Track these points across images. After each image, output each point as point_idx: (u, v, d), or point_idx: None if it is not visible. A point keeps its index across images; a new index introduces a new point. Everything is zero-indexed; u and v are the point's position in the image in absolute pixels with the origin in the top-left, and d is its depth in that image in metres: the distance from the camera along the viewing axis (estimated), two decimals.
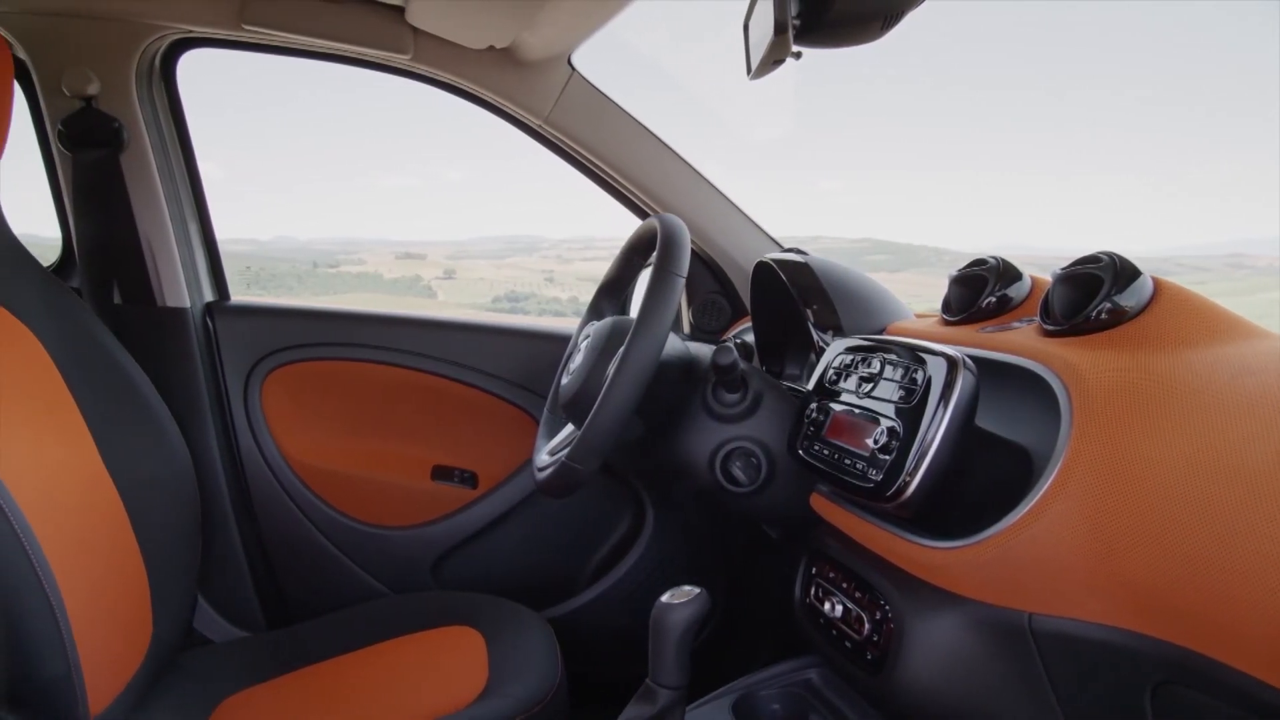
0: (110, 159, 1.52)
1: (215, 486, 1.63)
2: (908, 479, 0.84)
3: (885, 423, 0.91)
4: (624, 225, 1.62)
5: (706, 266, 1.68)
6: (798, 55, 0.96)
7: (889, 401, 0.93)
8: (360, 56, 1.58)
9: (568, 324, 1.74)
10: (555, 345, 1.65)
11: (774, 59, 0.97)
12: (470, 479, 1.72)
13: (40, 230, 1.37)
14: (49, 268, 1.40)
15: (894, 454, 0.87)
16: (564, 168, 1.67)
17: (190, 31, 1.54)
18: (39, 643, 0.99)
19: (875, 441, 0.90)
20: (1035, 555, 0.73)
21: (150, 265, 1.58)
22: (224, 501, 1.64)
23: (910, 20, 0.93)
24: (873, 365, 0.98)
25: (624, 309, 1.46)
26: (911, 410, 0.88)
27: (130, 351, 1.36)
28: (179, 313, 1.61)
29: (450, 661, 1.33)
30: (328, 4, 1.48)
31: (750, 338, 1.52)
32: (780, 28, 0.88)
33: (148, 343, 1.53)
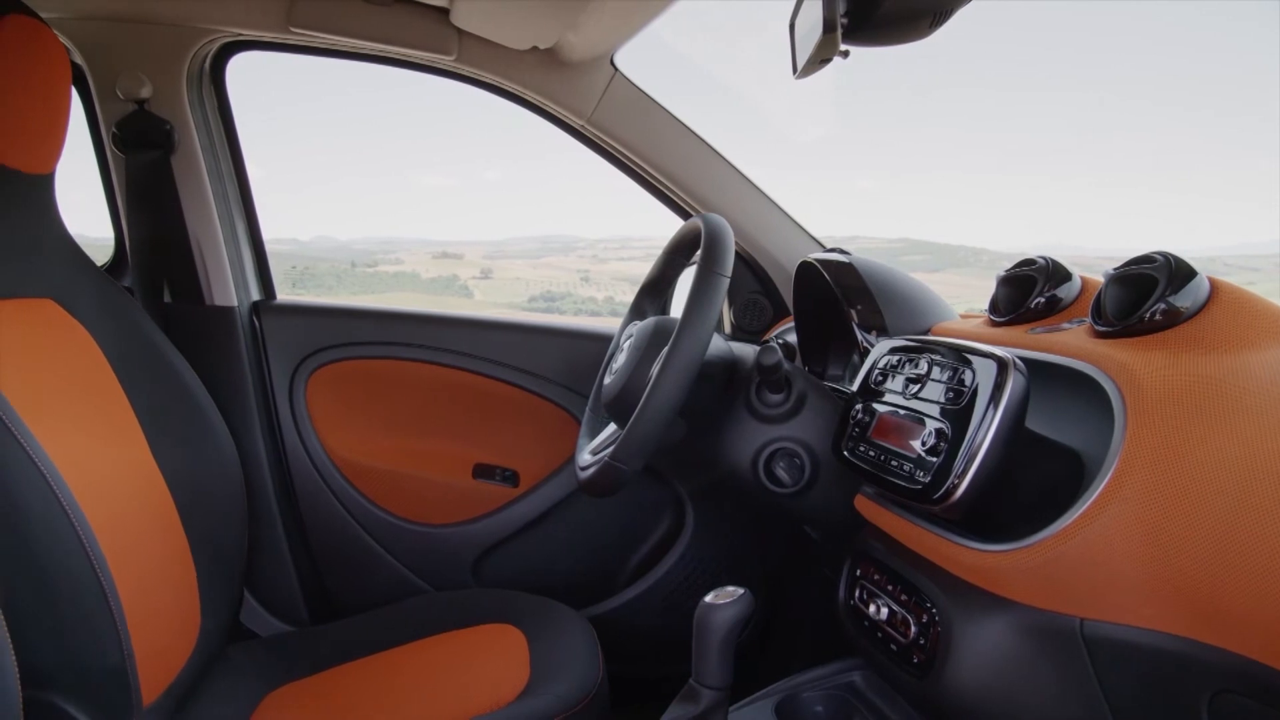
0: (162, 160, 1.55)
1: (261, 483, 1.66)
2: (956, 481, 0.83)
3: (932, 424, 0.90)
4: (660, 225, 1.62)
5: (748, 266, 1.68)
6: (845, 54, 0.95)
7: (936, 403, 0.92)
8: (405, 58, 1.60)
9: (609, 323, 1.74)
10: (597, 345, 1.66)
11: (821, 58, 0.96)
12: (511, 477, 1.73)
13: (84, 230, 1.39)
14: (102, 267, 1.43)
15: (942, 456, 0.86)
16: (601, 167, 1.67)
17: (239, 35, 1.56)
18: (95, 634, 1.01)
19: (923, 443, 0.90)
20: (1088, 559, 0.72)
21: (199, 264, 1.61)
22: (269, 498, 1.66)
23: (958, 17, 0.92)
24: (920, 366, 0.97)
25: (665, 309, 1.46)
26: (959, 412, 0.87)
27: (179, 349, 1.39)
28: (227, 311, 1.64)
29: (492, 659, 1.34)
30: (373, 6, 1.50)
31: (792, 338, 1.51)
32: (829, 26, 0.87)
33: (196, 341, 1.55)
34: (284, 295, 1.78)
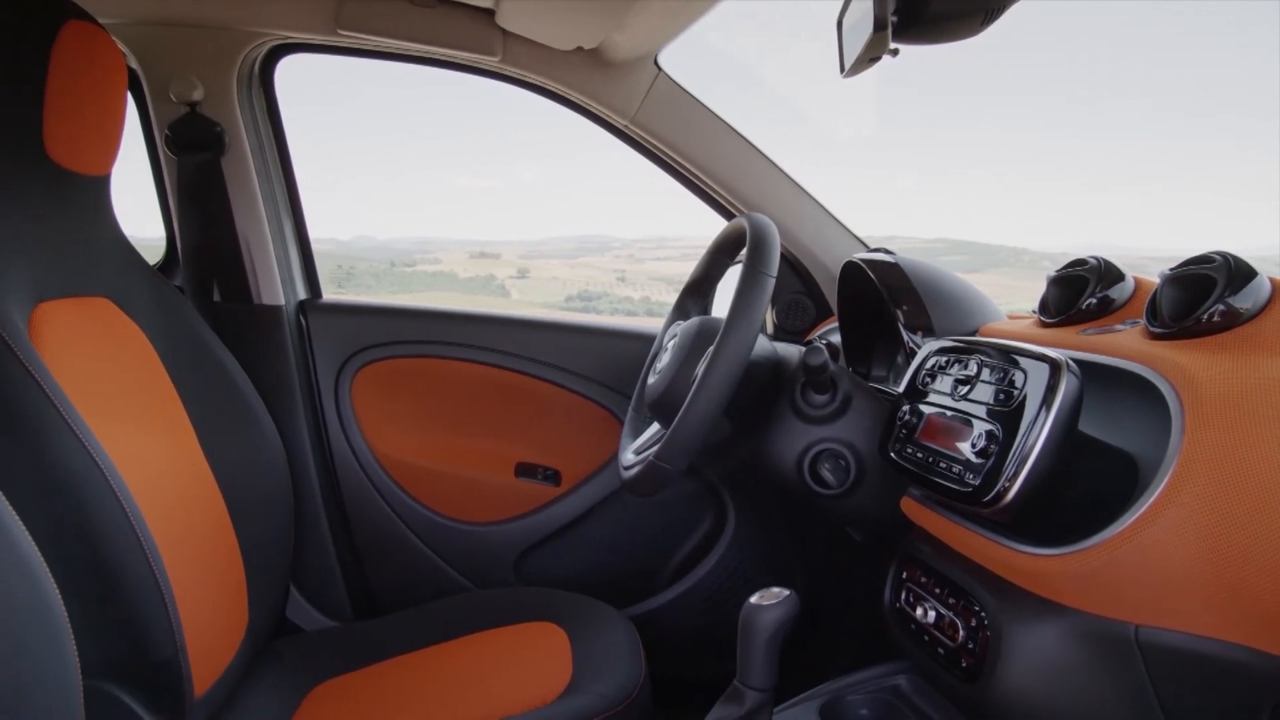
0: (212, 162, 1.58)
1: (307, 480, 1.68)
2: (1008, 484, 0.82)
3: (981, 426, 0.89)
4: (696, 225, 1.62)
5: (791, 267, 1.67)
6: (894, 52, 0.94)
7: (985, 404, 0.91)
8: (450, 59, 1.61)
9: (652, 323, 1.74)
10: (639, 344, 1.66)
11: (870, 56, 0.96)
12: (553, 476, 1.74)
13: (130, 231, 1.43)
14: (153, 267, 1.46)
15: (992, 458, 0.86)
16: (637, 167, 1.68)
17: (288, 37, 1.59)
18: (150, 626, 1.04)
19: (973, 445, 0.89)
20: (1144, 565, 0.71)
21: (248, 264, 1.64)
22: (315, 495, 1.69)
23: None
24: (969, 367, 0.96)
25: (707, 309, 1.46)
26: (1010, 414, 0.86)
27: (228, 348, 1.41)
28: (274, 310, 1.67)
29: (534, 657, 1.35)
30: (419, 8, 1.51)
31: (835, 339, 1.50)
32: (879, 24, 0.87)
33: (244, 339, 1.57)
34: (329, 294, 1.80)
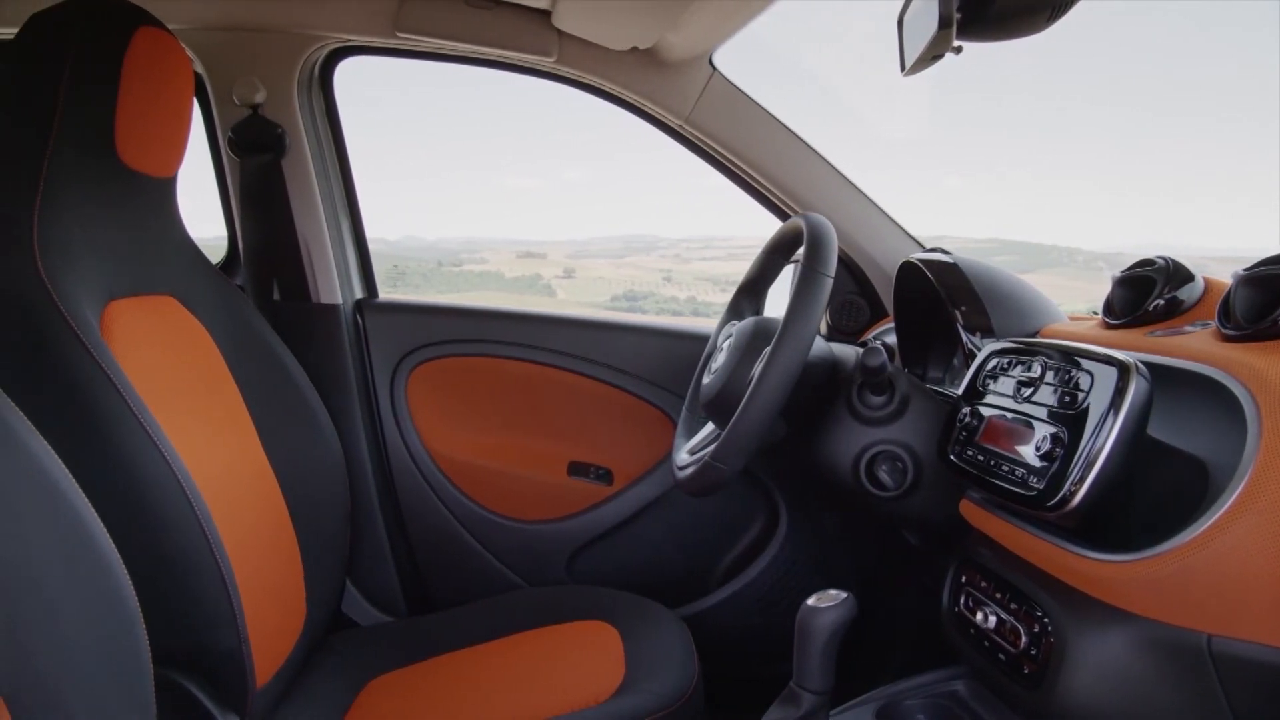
0: (273, 163, 1.61)
1: (363, 477, 1.70)
2: (1074, 488, 0.81)
3: (1044, 429, 0.88)
4: (743, 225, 1.62)
5: (846, 267, 1.66)
6: (958, 50, 0.94)
7: (1047, 406, 0.89)
8: (506, 60, 1.62)
9: (705, 324, 1.74)
10: (692, 344, 1.66)
11: (933, 54, 0.95)
12: (606, 475, 1.75)
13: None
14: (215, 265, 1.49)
15: (1057, 461, 0.84)
16: (684, 166, 1.67)
17: (348, 40, 1.61)
18: (215, 618, 1.06)
19: (1036, 448, 0.87)
20: (1217, 573, 0.69)
21: (307, 264, 1.67)
22: (370, 491, 1.71)
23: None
24: (1032, 369, 0.95)
25: (760, 309, 1.45)
26: (1074, 417, 0.85)
27: (287, 346, 1.44)
28: (332, 309, 1.69)
29: (587, 655, 1.35)
30: (477, 10, 1.53)
31: (890, 339, 1.49)
32: (944, 22, 0.86)
33: (303, 338, 1.59)
34: (385, 294, 1.83)
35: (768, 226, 1.50)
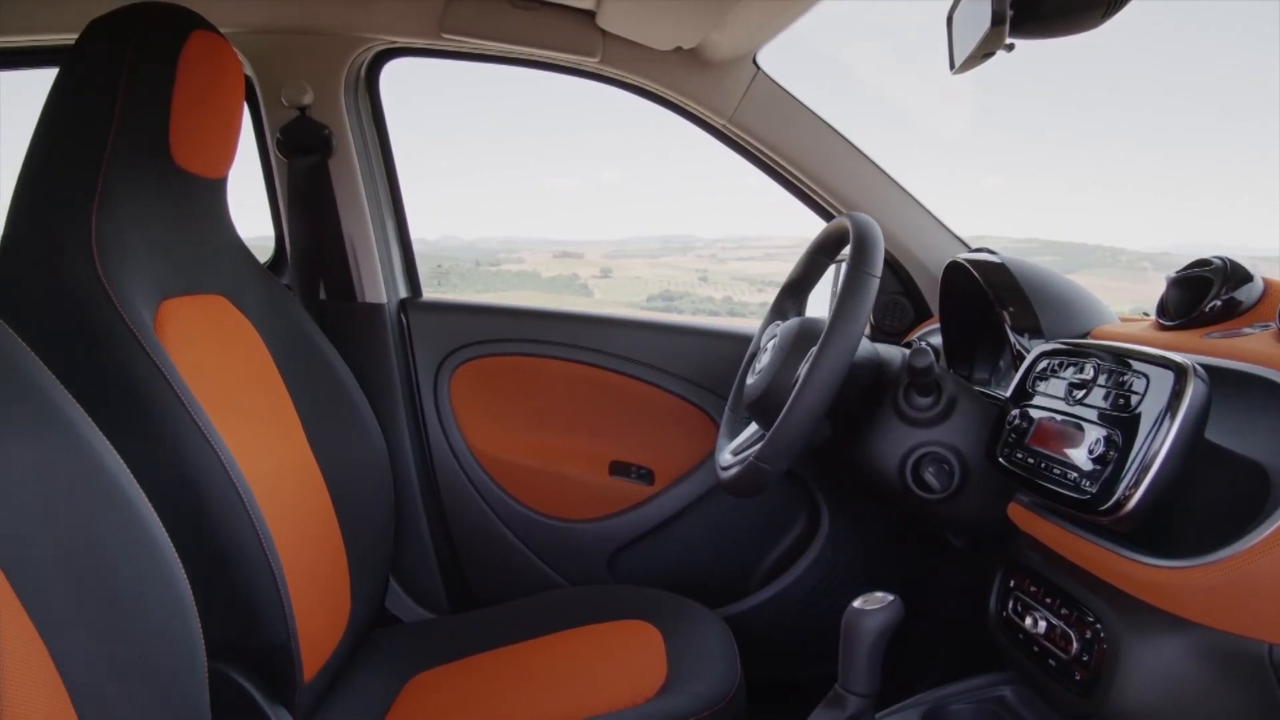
0: (320, 164, 1.63)
1: (407, 475, 1.71)
2: (1129, 492, 0.80)
3: (1097, 431, 0.87)
4: (779, 225, 1.61)
5: (890, 267, 1.64)
6: (1010, 47, 0.92)
7: (1099, 409, 0.88)
8: (550, 60, 1.63)
9: (746, 324, 1.74)
10: (735, 345, 1.65)
11: (984, 52, 0.94)
12: (647, 475, 1.74)
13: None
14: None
15: (1111, 465, 0.83)
16: (721, 167, 1.67)
17: (394, 42, 1.63)
18: (265, 612, 1.07)
19: (1089, 451, 0.86)
20: None
21: (353, 263, 1.68)
22: (414, 489, 1.72)
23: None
24: (1085, 371, 0.93)
25: (802, 309, 1.44)
26: (1128, 419, 0.84)
27: (333, 344, 1.45)
28: (377, 308, 1.71)
29: (629, 655, 1.35)
30: (522, 10, 1.54)
31: (935, 340, 1.47)
32: (998, 19, 0.85)
33: (348, 337, 1.61)
34: (429, 293, 1.85)
35: (804, 227, 1.49)
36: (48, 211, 1.07)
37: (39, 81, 1.56)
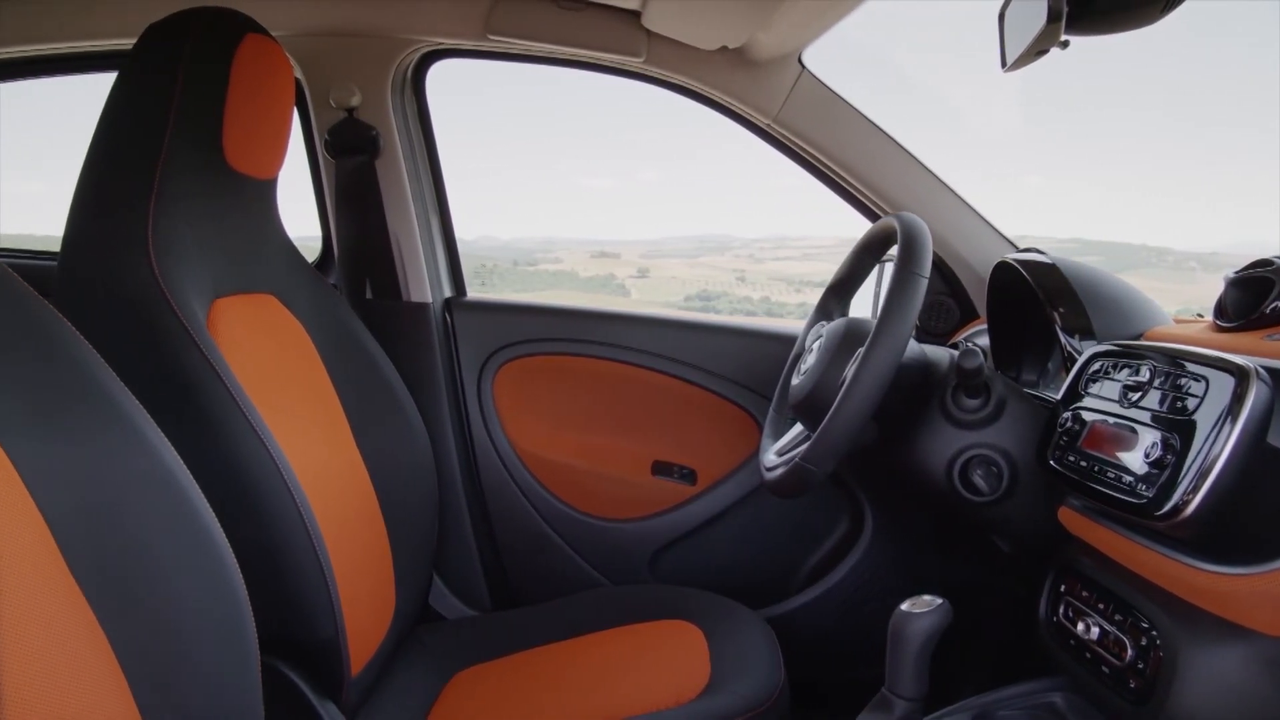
0: (367, 165, 1.65)
1: (450, 473, 1.72)
2: (1187, 497, 0.78)
3: (1151, 434, 0.85)
4: (817, 225, 1.60)
5: (936, 267, 1.62)
6: (1065, 44, 0.91)
7: (1154, 411, 0.87)
8: (595, 61, 1.64)
9: (789, 324, 1.73)
10: (778, 345, 1.65)
11: (1038, 49, 0.92)
12: (689, 475, 1.74)
13: None
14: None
15: (1168, 469, 0.81)
16: (758, 167, 1.66)
17: (440, 43, 1.64)
18: (314, 607, 1.09)
19: (1146, 455, 0.85)
20: None
21: (399, 262, 1.70)
22: (457, 487, 1.73)
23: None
24: (1140, 373, 0.92)
25: (846, 310, 1.43)
26: (1184, 423, 0.82)
27: (378, 343, 1.47)
28: (422, 308, 1.72)
29: (672, 655, 1.35)
30: (567, 11, 1.54)
31: (981, 341, 1.46)
32: (1054, 15, 0.84)
33: (393, 335, 1.62)
34: (473, 292, 1.86)
35: (842, 226, 1.48)
36: (106, 210, 1.09)
37: (99, 84, 1.61)
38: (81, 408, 0.73)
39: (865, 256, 1.38)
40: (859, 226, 1.49)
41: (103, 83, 1.31)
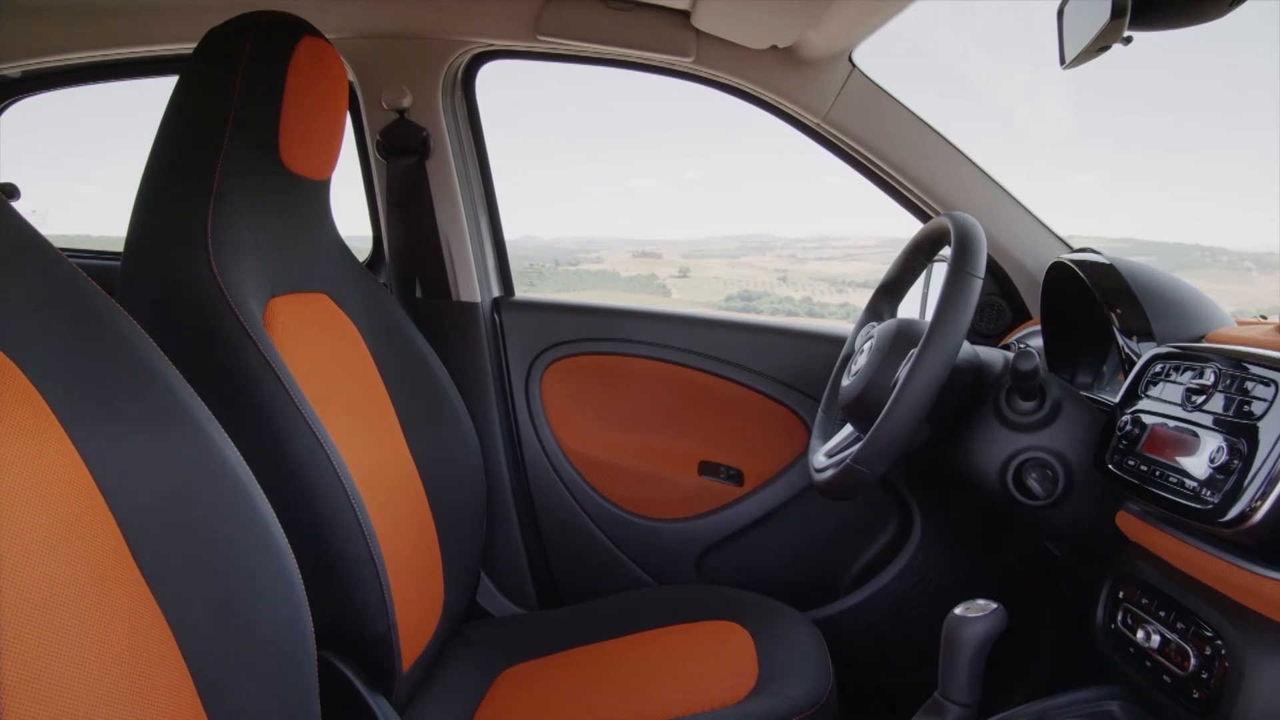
0: (418, 165, 1.66)
1: (498, 471, 1.73)
2: (1255, 503, 0.77)
3: (1215, 439, 0.83)
4: (859, 225, 1.59)
5: (987, 268, 1.61)
6: (1128, 40, 0.89)
7: (1216, 415, 0.85)
8: (644, 61, 1.64)
9: (837, 324, 1.73)
10: (826, 346, 1.64)
11: (1101, 45, 0.91)
12: (736, 476, 1.74)
13: None
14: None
15: (1235, 474, 0.80)
16: (802, 168, 1.65)
17: (490, 45, 1.66)
18: (367, 603, 1.10)
19: (1210, 460, 0.83)
20: None
21: (448, 262, 1.71)
22: (505, 485, 1.74)
23: None
24: (1204, 376, 0.90)
25: (894, 310, 1.42)
26: (1250, 427, 0.80)
27: (428, 343, 1.49)
28: (471, 307, 1.74)
29: (719, 655, 1.35)
30: (617, 11, 1.54)
31: (1035, 343, 1.44)
32: (1118, 10, 0.82)
33: (442, 335, 1.65)
34: (521, 291, 1.87)
35: (885, 227, 1.46)
36: (167, 209, 1.12)
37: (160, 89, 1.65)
38: (149, 406, 0.75)
39: (917, 256, 1.37)
40: (901, 227, 1.48)
41: (151, 90, 1.34)
